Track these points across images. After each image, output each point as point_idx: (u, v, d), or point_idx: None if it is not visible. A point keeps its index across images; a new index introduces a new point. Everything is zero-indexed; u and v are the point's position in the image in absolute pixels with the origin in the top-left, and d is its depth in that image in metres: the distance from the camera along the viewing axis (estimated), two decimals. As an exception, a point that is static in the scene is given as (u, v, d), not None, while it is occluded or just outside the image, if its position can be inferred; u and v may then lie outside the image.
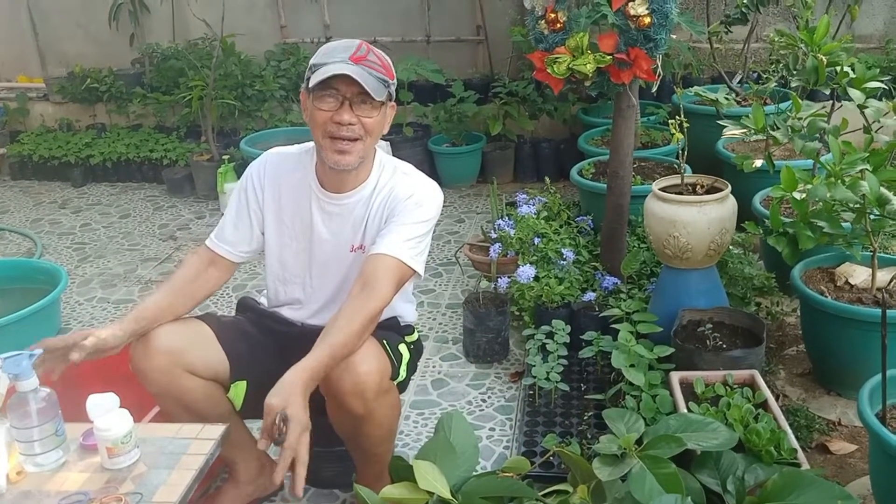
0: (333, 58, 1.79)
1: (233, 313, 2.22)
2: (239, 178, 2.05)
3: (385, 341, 1.91)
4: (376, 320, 1.79)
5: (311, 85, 1.79)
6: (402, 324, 2.08)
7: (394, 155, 4.36)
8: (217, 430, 1.65)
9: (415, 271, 1.87)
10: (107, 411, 1.58)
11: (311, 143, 2.00)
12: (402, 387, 2.06)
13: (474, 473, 1.86)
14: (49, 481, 1.53)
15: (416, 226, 1.88)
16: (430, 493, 1.68)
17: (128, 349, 1.84)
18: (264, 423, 1.56)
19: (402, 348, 2.00)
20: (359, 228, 1.95)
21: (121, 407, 1.61)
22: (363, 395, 1.76)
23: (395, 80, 1.88)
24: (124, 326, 1.80)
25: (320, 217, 1.96)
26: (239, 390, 1.90)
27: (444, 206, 2.01)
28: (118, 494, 1.48)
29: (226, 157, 4.64)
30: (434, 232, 4.39)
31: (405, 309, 2.10)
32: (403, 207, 1.89)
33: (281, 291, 2.07)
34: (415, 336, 2.12)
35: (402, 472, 1.80)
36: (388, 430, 1.90)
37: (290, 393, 1.57)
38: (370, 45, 1.85)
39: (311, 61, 1.84)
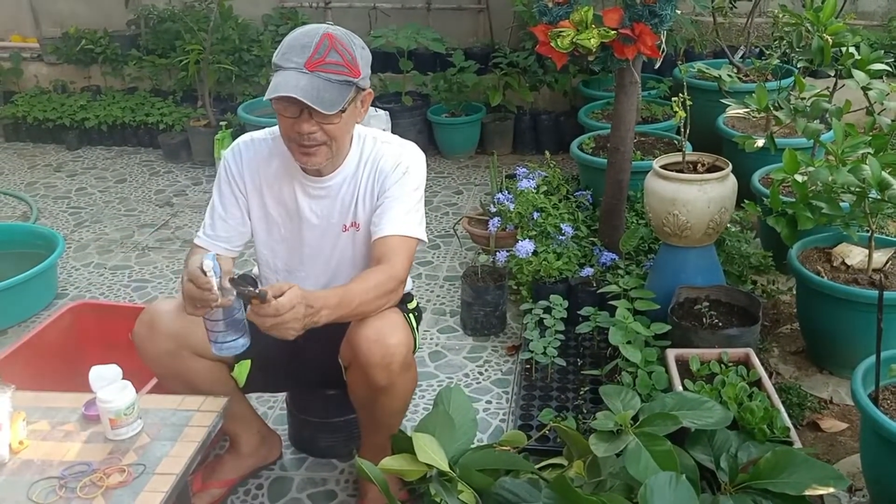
0: (289, 62, 1.71)
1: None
2: (224, 152, 2.00)
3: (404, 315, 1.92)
4: (395, 291, 1.79)
5: (265, 95, 1.73)
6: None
7: (393, 123, 4.35)
8: (219, 402, 1.67)
9: (420, 240, 1.88)
10: (109, 382, 1.59)
11: None
12: None
13: (472, 446, 1.89)
14: (52, 451, 1.55)
15: (410, 195, 1.88)
16: (429, 466, 1.71)
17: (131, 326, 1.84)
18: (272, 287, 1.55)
19: (411, 318, 2.01)
20: (349, 207, 1.92)
21: (122, 377, 1.63)
22: (389, 367, 1.76)
23: (363, 75, 1.77)
24: None
25: (306, 201, 1.93)
26: (243, 369, 1.91)
27: (442, 178, 2.00)
28: (121, 465, 1.50)
29: (223, 122, 4.60)
30: (431, 203, 4.36)
31: None
32: (393, 179, 1.87)
33: (272, 280, 2.04)
34: (414, 303, 2.12)
35: (402, 443, 1.82)
36: (403, 403, 1.92)
37: (308, 306, 1.57)
38: (334, 37, 1.73)
39: (273, 58, 1.75)
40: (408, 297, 2.10)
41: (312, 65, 1.70)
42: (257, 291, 1.53)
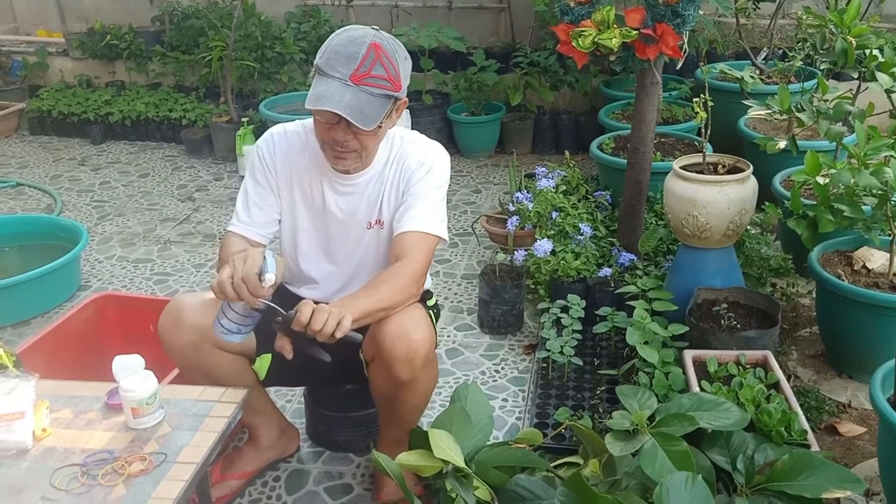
0: (333, 70, 1.69)
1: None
2: (258, 140, 2.02)
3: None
4: (413, 286, 1.80)
5: (306, 103, 1.72)
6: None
7: (413, 122, 4.36)
8: (239, 393, 1.69)
9: (441, 238, 1.90)
10: (132, 372, 1.61)
11: None
12: None
13: (488, 443, 1.90)
14: (74, 439, 1.58)
15: (434, 193, 1.90)
16: (445, 461, 1.72)
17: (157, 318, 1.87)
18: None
19: (431, 315, 2.03)
20: (374, 204, 1.94)
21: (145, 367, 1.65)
22: (413, 362, 1.78)
23: (403, 88, 1.77)
24: None
25: (333, 197, 1.94)
26: (264, 363, 1.93)
27: (461, 176, 2.02)
28: (143, 454, 1.52)
29: (245, 119, 4.64)
30: (450, 202, 4.37)
31: None
32: (417, 178, 1.90)
33: (296, 272, 2.07)
34: (433, 300, 2.14)
35: (418, 439, 1.84)
36: (424, 399, 1.93)
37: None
38: (381, 49, 1.71)
39: (317, 59, 1.73)
40: (427, 295, 2.11)
41: (358, 77, 1.69)
42: (290, 314, 1.56)
